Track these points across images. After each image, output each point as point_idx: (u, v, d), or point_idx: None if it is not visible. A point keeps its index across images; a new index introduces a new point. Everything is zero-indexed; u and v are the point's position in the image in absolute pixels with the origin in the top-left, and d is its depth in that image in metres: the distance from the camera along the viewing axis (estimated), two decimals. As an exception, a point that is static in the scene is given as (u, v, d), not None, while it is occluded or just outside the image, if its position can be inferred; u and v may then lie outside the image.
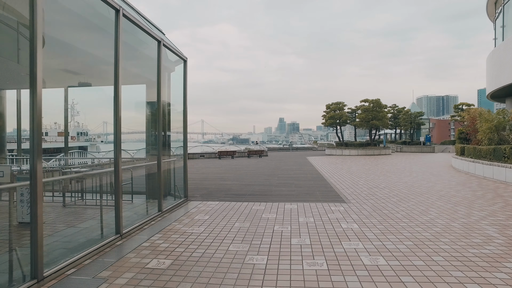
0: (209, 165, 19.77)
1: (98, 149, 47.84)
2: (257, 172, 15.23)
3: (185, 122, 8.32)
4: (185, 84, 8.27)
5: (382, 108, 33.43)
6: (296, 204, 7.63)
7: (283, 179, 12.46)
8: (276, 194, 9.04)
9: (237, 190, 9.96)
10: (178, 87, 8.41)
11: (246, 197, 8.70)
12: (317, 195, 8.92)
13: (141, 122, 8.33)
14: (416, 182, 11.36)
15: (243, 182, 11.70)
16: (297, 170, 16.37)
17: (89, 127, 58.77)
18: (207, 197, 8.73)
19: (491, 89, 18.65)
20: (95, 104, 9.13)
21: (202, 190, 9.97)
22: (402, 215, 6.43)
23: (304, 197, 8.54)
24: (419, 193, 8.93)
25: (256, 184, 11.14)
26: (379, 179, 12.15)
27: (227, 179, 12.57)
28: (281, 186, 10.59)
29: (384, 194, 8.91)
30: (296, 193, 9.18)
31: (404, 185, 10.52)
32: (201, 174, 14.69)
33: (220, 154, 27.32)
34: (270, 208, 7.19)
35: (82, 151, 13.65)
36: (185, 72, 8.27)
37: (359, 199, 8.22)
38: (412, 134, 43.29)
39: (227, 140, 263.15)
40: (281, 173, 14.70)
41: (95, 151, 42.79)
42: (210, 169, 16.92)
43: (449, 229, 5.40)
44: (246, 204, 7.67)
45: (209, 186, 10.70)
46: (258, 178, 13.05)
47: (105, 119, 12.71)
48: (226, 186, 10.82)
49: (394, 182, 11.27)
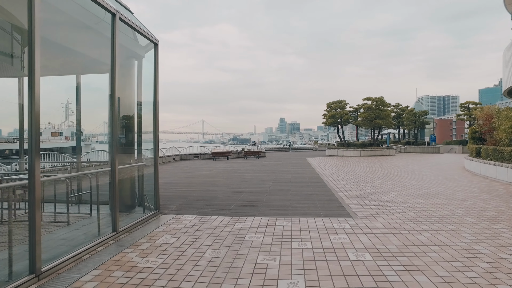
0: (200, 167, 18.29)
1: (93, 149, 46.51)
2: (251, 176, 13.74)
3: (155, 119, 6.83)
4: (155, 72, 6.79)
5: (385, 106, 31.92)
6: (291, 219, 6.15)
7: (278, 184, 10.97)
8: (268, 205, 7.56)
9: (223, 198, 8.47)
10: (151, 77, 6.93)
11: (231, 208, 7.22)
12: (316, 205, 7.44)
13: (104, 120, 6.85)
14: (431, 188, 9.86)
15: (232, 188, 10.21)
16: (296, 173, 14.87)
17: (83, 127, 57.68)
18: (184, 209, 7.25)
19: (508, 85, 17.11)
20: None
21: (181, 198, 8.48)
22: (427, 238, 4.93)
23: (301, 209, 7.06)
24: (439, 205, 7.43)
25: (247, 191, 9.65)
26: (387, 185, 10.66)
27: (215, 184, 11.09)
28: (275, 194, 9.10)
29: (397, 205, 7.42)
30: (292, 203, 7.69)
31: (418, 193, 9.02)
32: (188, 178, 13.20)
33: (214, 155, 25.83)
34: (257, 226, 5.70)
35: (54, 153, 12.14)
36: (156, 58, 6.79)
37: (367, 212, 6.73)
38: (416, 134, 41.73)
39: (228, 140, 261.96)
40: (278, 177, 13.20)
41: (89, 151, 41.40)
42: (200, 172, 15.43)
43: (501, 264, 3.90)
44: (229, 220, 6.19)
45: (192, 194, 9.22)
46: (250, 183, 11.56)
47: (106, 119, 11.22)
48: (212, 193, 9.33)
49: (405, 189, 9.77)
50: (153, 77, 6.80)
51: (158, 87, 6.83)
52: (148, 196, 6.99)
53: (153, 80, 6.80)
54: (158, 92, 6.84)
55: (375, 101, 31.75)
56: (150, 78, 6.81)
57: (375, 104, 31.71)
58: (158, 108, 6.84)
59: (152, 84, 6.80)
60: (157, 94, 6.80)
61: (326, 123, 34.11)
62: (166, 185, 10.97)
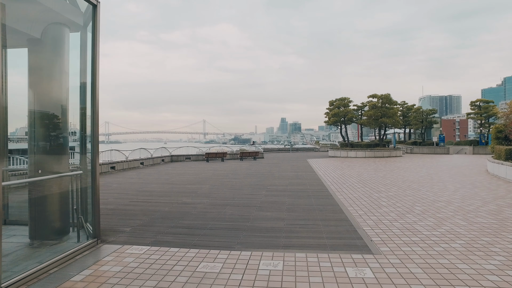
0: (188, 171, 16.34)
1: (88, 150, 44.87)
2: (242, 182, 11.77)
3: (94, 111, 4.86)
4: (94, 42, 4.82)
5: (392, 104, 29.87)
6: (283, 256, 4.18)
7: (273, 194, 9.00)
8: (255, 228, 5.59)
9: (198, 215, 6.52)
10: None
11: (202, 234, 5.25)
12: (320, 228, 5.48)
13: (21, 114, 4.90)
14: (465, 201, 7.87)
15: (215, 200, 8.25)
16: (295, 178, 12.89)
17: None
18: (139, 234, 5.29)
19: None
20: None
21: (144, 216, 6.52)
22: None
23: (298, 236, 5.09)
24: (490, 229, 5.44)
25: (232, 204, 7.68)
26: (406, 196, 8.67)
27: (196, 194, 9.13)
28: (267, 209, 7.14)
29: (430, 228, 5.45)
30: (286, 225, 5.73)
31: (450, 209, 7.04)
32: (168, 184, 11.24)
33: (207, 156, 23.86)
34: (231, 271, 3.74)
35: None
36: (94, 24, 4.83)
37: (392, 241, 4.76)
38: (422, 133, 39.62)
39: (229, 140, 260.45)
40: (273, 184, 11.23)
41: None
42: (185, 177, 13.47)
43: None
44: (192, 256, 4.23)
45: (161, 208, 7.26)
46: (239, 191, 9.60)
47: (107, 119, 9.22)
48: (187, 207, 7.37)
49: (431, 202, 7.79)
50: (91, 51, 4.85)
51: (98, 66, 4.87)
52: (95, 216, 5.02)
53: (91, 56, 4.85)
54: (98, 73, 4.87)
55: (381, 99, 29.71)
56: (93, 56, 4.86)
57: (381, 102, 29.67)
58: (97, 99, 4.87)
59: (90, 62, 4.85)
60: (96, 75, 4.83)
61: (328, 122, 32.08)
62: (137, 195, 9.02)
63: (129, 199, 8.36)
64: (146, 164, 19.30)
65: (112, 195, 8.95)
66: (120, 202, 8.00)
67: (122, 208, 7.31)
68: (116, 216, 6.55)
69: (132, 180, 12.40)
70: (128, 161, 17.59)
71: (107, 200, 8.22)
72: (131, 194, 9.22)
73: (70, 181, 4.99)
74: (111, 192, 9.63)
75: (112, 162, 16.54)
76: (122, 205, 7.65)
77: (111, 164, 16.10)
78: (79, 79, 5.04)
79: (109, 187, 10.61)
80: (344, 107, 31.26)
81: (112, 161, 17.06)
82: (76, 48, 5.11)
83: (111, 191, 9.72)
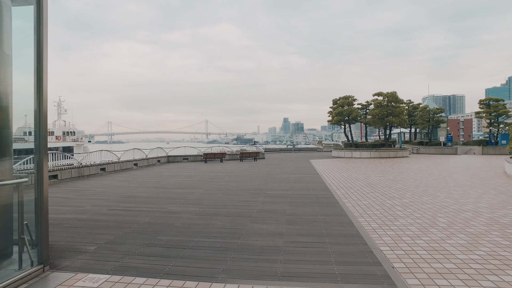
0: (183, 173, 15.33)
1: (86, 150, 43.70)
2: (238, 186, 10.74)
3: (40, 104, 3.83)
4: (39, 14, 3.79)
5: (398, 102, 28.69)
6: (279, 295, 3.14)
7: (271, 201, 7.96)
8: (246, 247, 4.55)
9: (180, 230, 5.48)
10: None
11: (181, 256, 4.21)
12: (327, 249, 4.42)
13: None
14: (494, 210, 6.79)
15: (205, 208, 7.22)
16: (296, 181, 11.84)
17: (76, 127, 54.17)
18: (101, 256, 4.25)
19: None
20: None
21: (115, 229, 5.48)
22: None
23: (299, 260, 4.04)
24: (536, 249, 4.36)
25: (223, 214, 6.65)
26: (424, 203, 7.60)
27: (185, 200, 8.10)
28: (263, 220, 6.09)
29: (463, 249, 4.38)
30: (285, 243, 4.68)
31: (480, 220, 5.96)
32: (157, 188, 10.22)
33: (205, 157, 22.83)
34: (205, 322, 2.70)
35: None
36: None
37: (421, 270, 3.69)
38: (428, 133, 38.37)
39: (231, 140, 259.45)
40: (272, 188, 10.18)
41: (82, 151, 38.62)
42: (177, 180, 12.45)
43: None
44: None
45: (140, 219, 6.22)
46: (234, 197, 8.56)
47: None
48: (170, 218, 6.34)
49: (456, 212, 6.71)
50: (36, 25, 3.82)
51: (46, 44, 3.84)
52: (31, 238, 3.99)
53: (36, 33, 3.82)
54: (46, 55, 3.84)
55: (386, 97, 28.55)
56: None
57: (387, 100, 28.51)
58: (44, 85, 3.84)
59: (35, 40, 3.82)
60: (42, 59, 3.80)
61: (332, 121, 30.94)
62: (118, 202, 7.99)
63: (107, 207, 7.34)
64: (140, 165, 18.30)
65: (90, 202, 7.93)
66: (96, 210, 6.98)
67: (96, 218, 6.30)
68: (84, 229, 5.54)
69: (119, 184, 11.39)
70: (120, 162, 16.60)
71: (82, 208, 7.21)
72: (112, 200, 8.20)
73: (12, 191, 3.96)
74: (90, 197, 8.62)
75: (102, 163, 15.57)
76: (97, 214, 6.63)
77: (101, 165, 15.11)
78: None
79: (91, 192, 9.60)
80: (348, 105, 30.11)
81: (103, 162, 16.09)
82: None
83: (91, 197, 8.71)
